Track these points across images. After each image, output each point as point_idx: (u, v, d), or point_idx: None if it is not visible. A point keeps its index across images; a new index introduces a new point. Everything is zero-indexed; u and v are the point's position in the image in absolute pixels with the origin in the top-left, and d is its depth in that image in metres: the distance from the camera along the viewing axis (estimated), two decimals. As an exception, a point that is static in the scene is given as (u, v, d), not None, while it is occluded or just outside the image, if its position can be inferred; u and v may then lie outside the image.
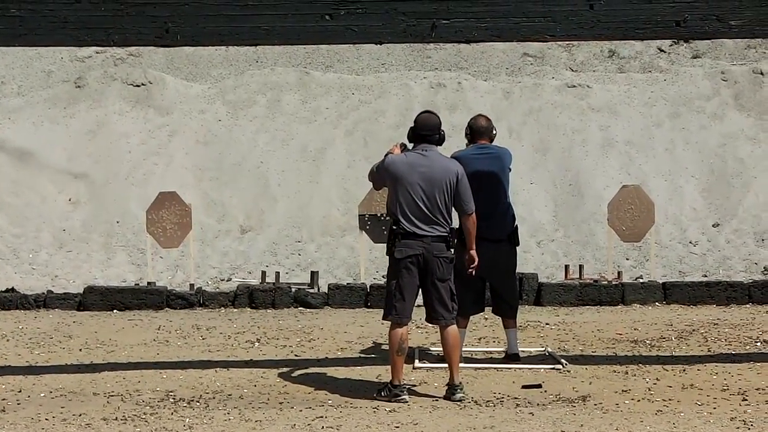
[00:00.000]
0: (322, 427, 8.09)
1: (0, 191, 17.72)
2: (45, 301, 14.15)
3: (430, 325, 9.92)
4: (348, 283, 14.86)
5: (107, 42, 10.61)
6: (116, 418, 8.40)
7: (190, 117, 19.70)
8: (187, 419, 8.39)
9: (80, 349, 11.41)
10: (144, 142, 19.20)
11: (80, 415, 8.53)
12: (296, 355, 11.07)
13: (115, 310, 13.94)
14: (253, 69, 21.22)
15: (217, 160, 18.85)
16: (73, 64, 21.73)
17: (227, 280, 16.06)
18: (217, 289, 15.06)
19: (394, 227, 8.91)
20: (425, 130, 9.05)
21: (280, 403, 8.96)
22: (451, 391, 9.01)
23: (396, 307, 8.95)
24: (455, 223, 9.18)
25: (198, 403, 8.96)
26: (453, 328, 9.09)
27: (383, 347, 11.42)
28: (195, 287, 14.81)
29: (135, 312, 13.87)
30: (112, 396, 9.24)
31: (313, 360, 10.78)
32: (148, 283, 14.97)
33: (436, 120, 9.14)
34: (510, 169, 10.55)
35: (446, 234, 8.96)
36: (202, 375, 10.01)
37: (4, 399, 9.11)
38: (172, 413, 8.60)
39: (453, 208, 9.12)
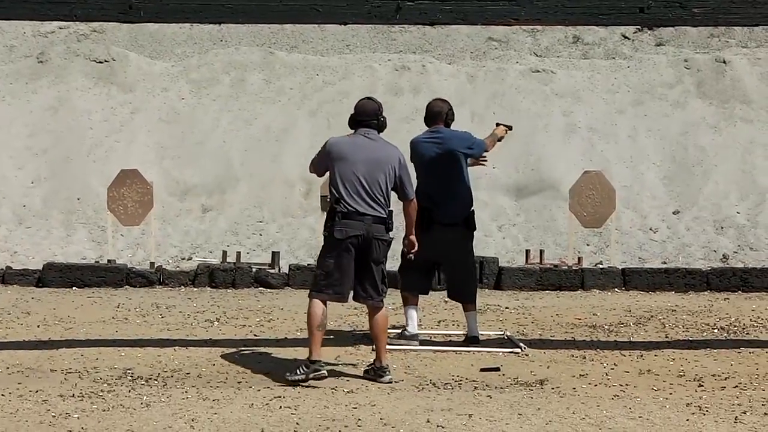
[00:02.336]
0: (280, 407, 8.08)
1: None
2: (3, 277, 14.08)
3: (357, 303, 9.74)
4: (309, 264, 14.85)
5: (70, 17, 10.57)
6: (73, 395, 8.36)
7: (153, 95, 19.61)
8: (145, 397, 8.35)
9: (38, 326, 11.36)
10: (106, 119, 19.10)
11: (37, 391, 8.48)
12: (255, 335, 11.06)
13: (74, 287, 13.89)
14: (217, 48, 21.14)
15: (179, 138, 18.78)
16: (35, 39, 21.57)
17: (188, 259, 16.01)
18: (178, 268, 15.02)
19: (336, 206, 8.85)
20: (364, 116, 9.04)
21: (239, 382, 8.94)
22: (379, 373, 9.01)
23: (334, 286, 8.91)
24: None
25: (156, 382, 8.93)
26: (383, 311, 9.13)
27: (341, 328, 11.45)
28: (155, 266, 14.77)
29: (94, 289, 13.83)
30: (70, 373, 9.19)
31: (273, 340, 10.77)
32: (108, 260, 14.91)
33: (375, 106, 9.13)
34: (467, 153, 10.48)
35: (385, 216, 8.96)
36: (160, 353, 9.98)
37: (-40, 375, 9.07)
38: (129, 391, 8.57)
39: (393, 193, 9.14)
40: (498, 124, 11.03)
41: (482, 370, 9.50)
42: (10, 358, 9.69)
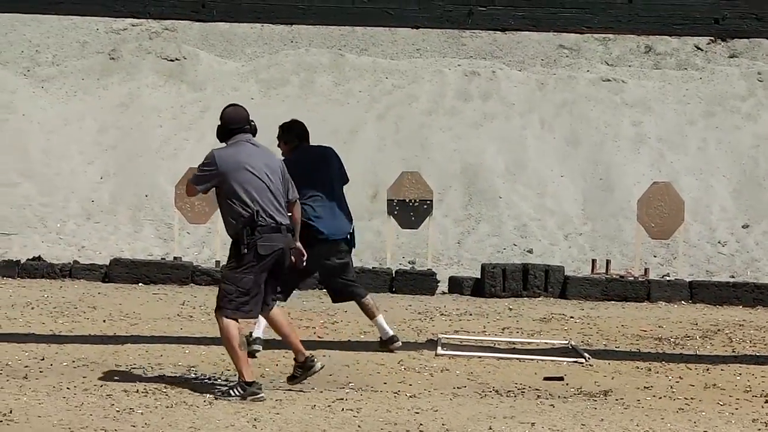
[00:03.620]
0: (342, 409, 8.08)
1: (30, 160, 17.78)
2: (71, 271, 14.20)
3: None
4: (373, 267, 14.87)
5: (143, 14, 10.63)
6: (137, 391, 8.41)
7: (223, 94, 19.68)
8: (208, 395, 8.38)
9: (104, 321, 11.44)
10: (175, 117, 19.22)
11: (102, 385, 8.54)
12: (319, 337, 11.07)
13: (139, 284, 13.97)
14: (287, 49, 21.21)
15: (247, 138, 18.81)
16: (108, 35, 21.76)
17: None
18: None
19: (257, 219, 8.22)
20: (237, 124, 8.49)
21: (301, 383, 8.94)
22: (309, 363, 8.71)
23: (250, 305, 8.41)
24: None
25: (220, 380, 8.96)
26: (278, 308, 8.81)
27: (402, 331, 11.42)
28: (220, 264, 14.82)
29: (160, 286, 13.89)
30: (134, 368, 9.25)
31: (336, 342, 10.77)
32: (174, 257, 15.00)
33: (244, 112, 8.61)
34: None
35: (292, 224, 8.59)
36: (224, 352, 9.97)
37: (26, 366, 9.14)
38: (193, 388, 8.60)
39: None
40: None
41: (546, 378, 9.44)
42: (76, 351, 9.76)
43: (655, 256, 16.57)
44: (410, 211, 15.15)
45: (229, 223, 8.36)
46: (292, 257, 8.61)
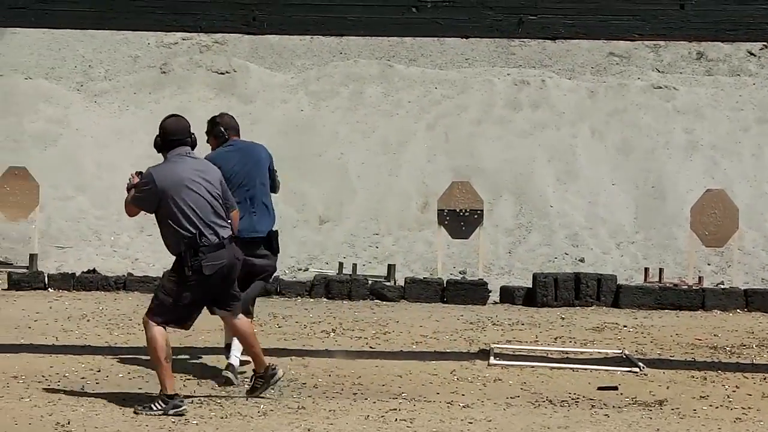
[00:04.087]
0: (396, 419, 8.07)
1: (84, 174, 17.93)
2: (125, 284, 14.28)
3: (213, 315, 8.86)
4: (424, 278, 14.85)
5: (195, 28, 10.69)
6: (192, 401, 8.44)
7: (273, 106, 19.78)
8: (262, 405, 8.40)
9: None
10: (227, 130, 19.27)
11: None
12: (371, 347, 11.06)
13: (192, 295, 14.02)
14: (336, 60, 21.27)
15: (297, 150, 18.89)
16: (159, 49, 21.93)
17: (304, 270, 16.10)
18: (294, 279, 15.11)
19: (200, 240, 7.95)
20: (178, 135, 8.18)
21: (354, 393, 8.95)
22: (271, 373, 8.52)
23: (185, 317, 8.20)
24: None
25: (272, 390, 8.97)
26: (242, 317, 8.57)
27: (454, 341, 11.39)
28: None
29: (212, 298, 13.93)
30: (189, 379, 9.29)
31: (388, 353, 10.76)
32: (226, 269, 15.03)
33: (185, 123, 8.30)
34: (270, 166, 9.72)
35: (233, 230, 8.31)
36: (277, 362, 10.00)
37: (83, 378, 9.20)
38: (246, 399, 8.63)
39: None
40: None
41: (600, 388, 9.38)
42: (131, 363, 9.82)
43: (708, 264, 16.44)
44: (461, 220, 15.14)
45: (169, 244, 8.09)
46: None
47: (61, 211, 17.18)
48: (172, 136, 8.18)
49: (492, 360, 10.37)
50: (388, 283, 14.64)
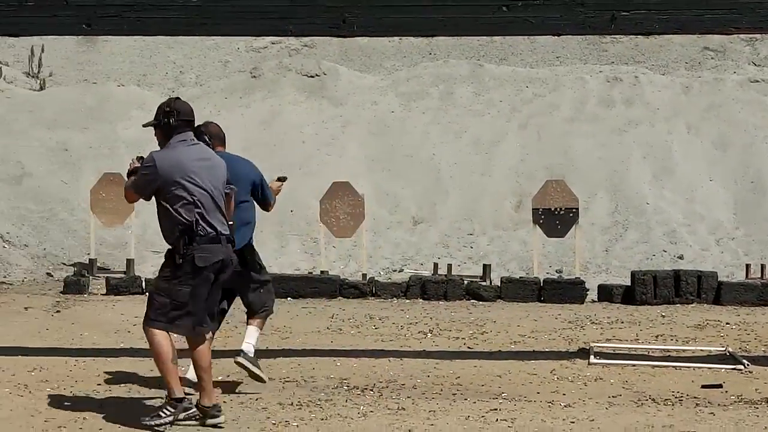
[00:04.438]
0: (496, 419, 8.00)
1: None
2: (221, 287, 14.33)
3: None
4: (521, 277, 14.74)
5: (284, 32, 10.72)
6: (291, 404, 8.44)
7: (363, 108, 19.77)
8: (362, 407, 8.38)
9: (255, 335, 11.50)
10: (317, 133, 19.33)
11: (257, 399, 8.59)
12: (469, 348, 10.99)
13: (288, 298, 14.05)
14: (426, 61, 21.21)
15: (389, 151, 18.87)
16: (248, 54, 22.04)
17: (399, 271, 16.06)
18: (389, 280, 15.09)
19: (196, 228, 7.57)
20: (191, 116, 7.87)
21: (453, 394, 8.89)
22: (212, 413, 7.71)
23: (182, 319, 7.61)
24: None
25: (372, 392, 8.95)
26: (208, 339, 7.92)
27: (553, 340, 11.28)
28: (367, 277, 14.86)
29: (308, 300, 13.95)
30: (288, 381, 9.29)
31: (486, 353, 10.68)
32: (321, 272, 15.07)
33: (189, 107, 7.96)
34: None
35: (230, 234, 7.90)
36: (375, 364, 10.01)
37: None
38: (346, 400, 8.61)
39: None
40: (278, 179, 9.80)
41: (704, 386, 9.22)
42: (230, 365, 9.83)
43: (811, 259, 16.12)
44: (556, 219, 15.01)
45: (165, 231, 7.72)
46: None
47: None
48: (186, 116, 7.82)
49: (592, 359, 10.24)
50: (484, 283, 14.56)
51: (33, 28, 10.65)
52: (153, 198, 7.82)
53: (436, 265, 15.31)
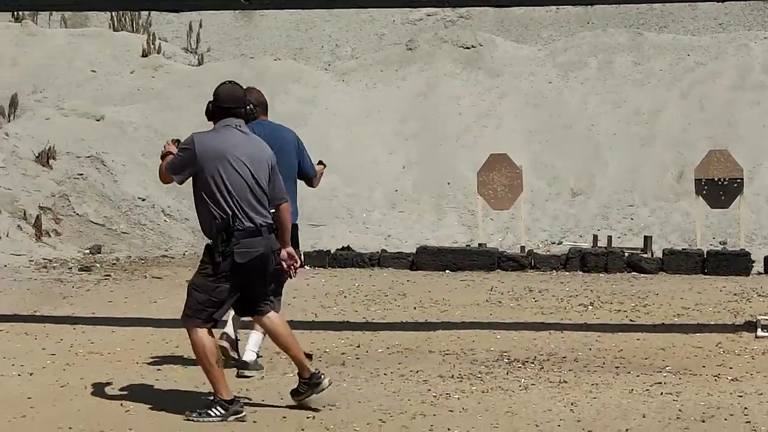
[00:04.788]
0: (661, 393, 7.85)
1: (334, 152, 18.12)
2: (379, 260, 14.38)
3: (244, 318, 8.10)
4: (684, 249, 14.44)
5: (441, 3, 10.64)
6: (452, 376, 8.40)
7: (520, 79, 19.59)
8: (523, 380, 8.30)
9: (414, 308, 11.51)
10: (474, 105, 19.23)
11: (417, 371, 8.57)
12: (631, 320, 10.81)
13: (446, 270, 14.00)
14: (584, 30, 20.95)
15: (546, 122, 18.68)
16: (404, 26, 22.04)
17: (558, 243, 15.89)
18: (548, 252, 14.93)
19: (233, 223, 7.18)
20: (230, 103, 7.40)
21: (616, 367, 8.74)
22: (315, 380, 7.44)
23: (219, 312, 7.31)
24: None
25: (532, 364, 8.86)
26: (279, 315, 7.63)
27: (717, 313, 11.03)
28: (526, 249, 14.74)
29: (466, 273, 13.87)
30: (447, 354, 9.25)
31: (649, 325, 10.49)
32: (479, 244, 15.00)
33: (241, 92, 7.53)
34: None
35: (273, 223, 7.46)
36: (535, 336, 9.91)
37: (343, 353, 9.28)
38: (507, 373, 8.54)
39: None
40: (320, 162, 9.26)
41: None
42: (390, 338, 9.85)
43: None
44: (719, 190, 14.68)
45: (203, 224, 7.36)
46: (282, 262, 7.60)
47: (313, 190, 17.36)
48: (223, 103, 7.41)
49: (759, 332, 9.96)
50: (645, 255, 14.29)
51: (192, 4, 10.77)
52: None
53: (595, 237, 15.10)
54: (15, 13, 21.39)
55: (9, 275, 13.14)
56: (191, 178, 7.33)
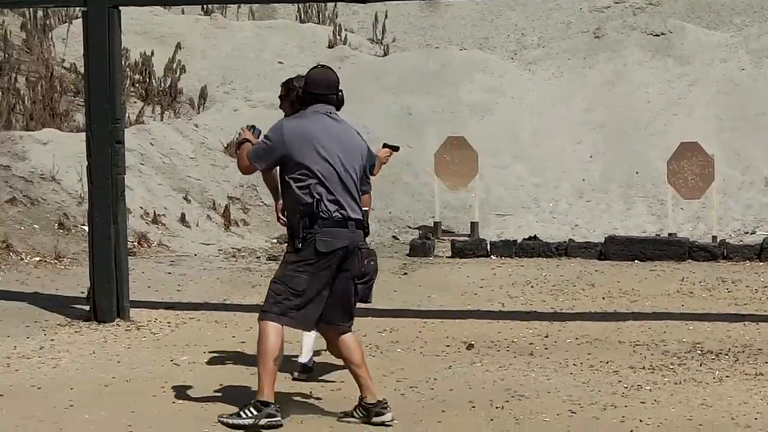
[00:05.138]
0: None
1: (521, 141, 18.01)
2: (566, 250, 14.19)
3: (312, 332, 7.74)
4: None
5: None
6: (643, 367, 8.26)
7: (711, 66, 19.10)
8: (717, 372, 8.12)
9: (603, 298, 11.34)
10: (663, 92, 18.84)
11: (607, 362, 8.44)
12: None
13: (635, 261, 13.73)
14: (779, 15, 20.34)
15: (739, 110, 18.16)
16: (591, 14, 21.75)
17: (751, 233, 15.45)
18: (741, 242, 14.52)
19: (317, 209, 6.81)
20: (322, 89, 7.06)
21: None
22: (377, 410, 6.93)
23: (302, 309, 6.89)
24: None
25: (726, 356, 8.65)
26: (353, 335, 7.12)
27: None
28: (718, 239, 14.37)
29: (656, 263, 13.56)
30: (638, 345, 9.09)
31: None
32: (669, 234, 14.70)
33: (334, 76, 7.15)
34: None
35: (363, 218, 7.06)
36: (729, 328, 9.65)
37: (531, 343, 9.20)
38: (700, 365, 8.36)
39: None
40: (385, 146, 8.63)
41: None
42: (578, 328, 9.72)
43: None
44: None
45: (289, 212, 7.05)
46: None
47: (499, 179, 17.31)
48: (313, 89, 7.09)
49: None
50: (843, 246, 13.76)
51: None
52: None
53: (791, 227, 14.66)
54: (205, 6, 21.80)
55: (199, 264, 13.39)
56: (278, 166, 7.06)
